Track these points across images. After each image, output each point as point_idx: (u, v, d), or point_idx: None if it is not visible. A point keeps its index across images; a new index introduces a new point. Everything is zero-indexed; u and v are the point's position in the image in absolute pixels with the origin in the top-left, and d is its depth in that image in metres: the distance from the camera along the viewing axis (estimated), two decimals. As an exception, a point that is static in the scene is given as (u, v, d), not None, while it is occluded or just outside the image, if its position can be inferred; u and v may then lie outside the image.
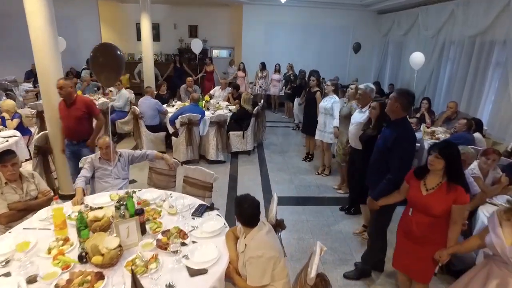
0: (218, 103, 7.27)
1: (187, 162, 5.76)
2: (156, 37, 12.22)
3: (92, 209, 2.71)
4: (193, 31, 12.17)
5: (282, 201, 4.66)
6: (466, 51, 6.38)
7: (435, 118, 6.25)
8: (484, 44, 5.92)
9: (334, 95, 5.03)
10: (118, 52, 2.89)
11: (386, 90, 9.52)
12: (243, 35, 10.86)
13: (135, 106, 6.06)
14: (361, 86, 3.95)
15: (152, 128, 6.06)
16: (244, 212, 2.11)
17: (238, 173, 5.57)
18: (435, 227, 2.29)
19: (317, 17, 10.72)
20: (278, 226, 2.57)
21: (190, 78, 7.70)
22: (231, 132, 6.22)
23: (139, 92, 11.47)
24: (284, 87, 9.51)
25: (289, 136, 7.81)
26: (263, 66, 9.69)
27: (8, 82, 8.67)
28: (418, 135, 4.82)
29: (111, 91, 7.71)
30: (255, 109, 6.14)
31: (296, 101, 8.05)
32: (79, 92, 7.10)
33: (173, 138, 5.90)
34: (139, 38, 12.23)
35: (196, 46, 7.82)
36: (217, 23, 12.05)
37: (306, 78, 7.28)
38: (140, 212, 2.43)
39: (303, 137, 7.20)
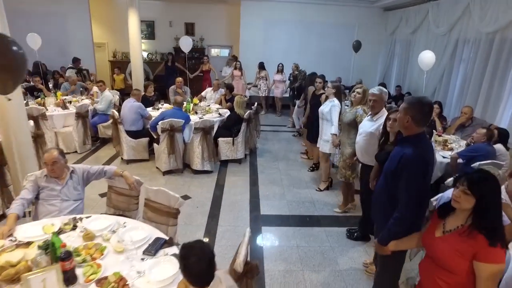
0: (209, 105, 6.70)
1: (169, 172, 5.23)
2: (151, 35, 11.74)
3: (18, 245, 2.16)
4: (190, 29, 11.63)
5: (270, 220, 4.08)
6: (483, 49, 5.72)
7: (447, 124, 5.61)
8: (505, 42, 5.25)
9: (334, 99, 4.42)
10: (14, 48, 2.20)
11: (392, 92, 8.88)
12: (241, 33, 10.28)
13: (114, 110, 5.50)
14: (374, 90, 3.24)
15: (133, 134, 5.51)
16: (190, 269, 1.52)
17: (225, 186, 4.98)
18: None
19: (319, 14, 10.09)
20: (248, 273, 1.98)
21: (180, 78, 7.13)
22: (220, 139, 5.65)
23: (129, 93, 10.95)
24: (289, 88, 8.88)
25: (288, 142, 7.20)
26: (260, 66, 9.04)
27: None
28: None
29: (97, 92, 7.17)
30: (246, 114, 5.55)
31: (296, 104, 7.45)
32: (59, 95, 6.60)
33: (155, 145, 5.34)
34: (133, 36, 11.79)
35: (185, 44, 7.23)
36: (215, 20, 11.50)
37: (305, 79, 6.69)
38: (65, 257, 1.85)
39: (302, 144, 6.60)
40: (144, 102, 6.67)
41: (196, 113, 6.00)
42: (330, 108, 4.34)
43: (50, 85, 8.12)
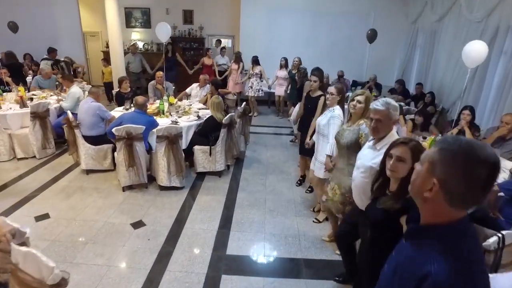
0: (190, 105, 5.73)
1: (130, 188, 4.30)
2: (146, 23, 10.84)
3: None
4: (188, 17, 10.66)
5: (236, 265, 3.11)
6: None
7: (480, 136, 4.43)
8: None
9: (336, 107, 3.31)
10: None
11: (412, 91, 7.64)
12: (241, 22, 9.22)
13: (69, 111, 4.61)
14: (377, 104, 2.15)
15: (93, 140, 4.62)
16: None
17: (193, 208, 4.03)
18: None
19: (329, 1, 8.90)
20: None
21: (160, 72, 6.17)
22: (195, 147, 4.69)
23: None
24: (290, 86, 7.76)
25: (285, 149, 6.14)
26: (255, 61, 7.93)
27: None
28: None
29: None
30: (226, 117, 4.55)
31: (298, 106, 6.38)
32: (22, 90, 5.77)
33: (115, 154, 4.44)
34: (128, 25, 10.93)
35: (162, 32, 6.19)
36: (215, 7, 10.45)
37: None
38: None
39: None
40: (118, 100, 5.81)
41: (171, 115, 5.05)
42: (328, 119, 3.26)
43: (30, 78, 7.37)
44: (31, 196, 4.16)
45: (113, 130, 3.95)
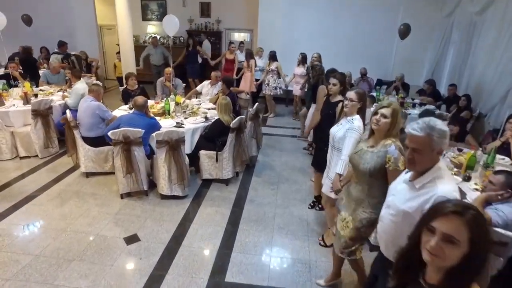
0: (199, 104, 5.36)
1: (129, 195, 3.98)
2: (162, 16, 10.43)
3: None
4: (205, 9, 10.29)
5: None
6: None
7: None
8: None
9: (356, 117, 2.78)
10: None
11: (443, 92, 6.95)
12: (260, 16, 8.71)
13: (67, 111, 4.32)
14: (414, 127, 1.52)
15: (92, 141, 4.32)
16: None
17: (193, 222, 3.65)
18: None
19: (354, -8, 8.26)
20: None
21: (169, 68, 5.80)
22: (201, 152, 4.31)
23: (143, 80, 9.89)
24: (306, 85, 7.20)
25: (302, 155, 5.65)
26: (272, 56, 7.35)
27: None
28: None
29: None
30: (234, 121, 4.13)
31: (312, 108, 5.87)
32: (28, 85, 5.58)
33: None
34: (144, 17, 10.67)
35: (170, 25, 5.80)
36: (234, 0, 10.00)
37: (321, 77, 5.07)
38: None
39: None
40: (124, 97, 5.51)
41: (176, 116, 4.68)
42: (345, 131, 2.76)
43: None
44: (26, 200, 3.91)
45: (109, 133, 3.61)
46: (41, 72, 7.12)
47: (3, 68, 7.44)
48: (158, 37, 10.57)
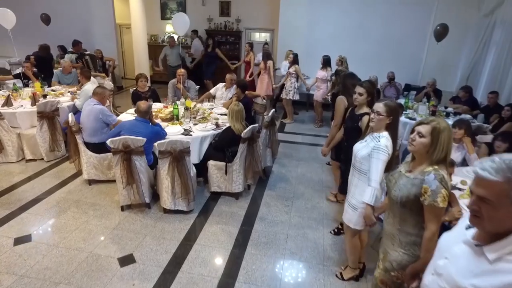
0: (212, 109, 5.02)
1: (129, 207, 3.68)
2: (182, 15, 10.27)
3: None
4: (225, 8, 9.95)
5: None
6: None
7: None
8: None
9: (384, 134, 2.32)
10: None
11: (481, 100, 6.29)
12: (281, 15, 8.29)
13: (70, 114, 4.07)
14: (486, 165, 1.05)
15: (95, 147, 4.06)
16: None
17: (196, 242, 3.29)
18: None
19: (383, -11, 7.69)
20: None
21: (181, 70, 5.49)
22: (210, 162, 3.95)
23: (161, 80, 9.73)
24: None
25: (320, 166, 5.18)
26: (293, 59, 6.86)
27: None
28: None
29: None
30: (246, 130, 3.74)
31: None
32: (38, 86, 5.43)
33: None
34: (163, 16, 10.48)
35: (179, 24, 5.44)
36: (254, -2, 9.64)
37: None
38: None
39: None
40: (134, 100, 5.24)
41: (185, 122, 4.35)
42: (371, 150, 2.29)
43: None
44: (23, 208, 3.70)
45: (108, 141, 3.31)
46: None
47: (20, 67, 7.40)
48: (177, 36, 10.38)
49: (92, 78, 5.92)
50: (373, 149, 2.26)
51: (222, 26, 10.02)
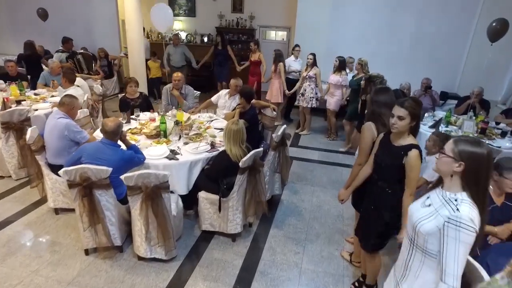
0: (211, 120, 4.19)
1: (94, 251, 2.89)
2: (191, 12, 9.52)
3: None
4: (237, 4, 9.11)
5: None
6: None
7: None
8: None
9: (463, 195, 1.42)
10: None
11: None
12: (298, 11, 7.37)
13: (32, 128, 3.29)
14: None
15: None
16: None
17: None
18: None
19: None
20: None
21: (178, 74, 4.65)
22: (200, 194, 3.11)
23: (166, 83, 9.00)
24: (346, 100, 5.71)
25: (337, 200, 4.28)
26: (313, 60, 5.86)
27: None
28: None
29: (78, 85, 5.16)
30: (245, 158, 2.86)
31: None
32: (14, 89, 4.74)
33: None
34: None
35: (159, 18, 4.55)
36: (269, -6, 8.74)
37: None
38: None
39: (347, 240, 3.64)
40: (122, 108, 4.48)
41: (174, 140, 3.51)
42: (444, 225, 1.38)
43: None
44: (-36, 248, 2.95)
45: (61, 172, 2.51)
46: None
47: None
48: (186, 34, 9.61)
49: (80, 80, 5.20)
50: (448, 222, 1.36)
51: (234, 23, 9.18)
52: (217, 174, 3.03)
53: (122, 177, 2.47)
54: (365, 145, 2.43)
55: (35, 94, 5.11)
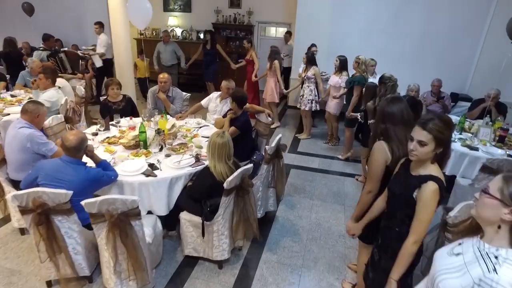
0: (199, 127, 3.79)
1: (59, 282, 2.50)
2: (186, 7, 9.07)
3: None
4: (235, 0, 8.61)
5: None
6: None
7: None
8: None
9: (510, 253, 1.04)
10: None
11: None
12: (299, 6, 6.92)
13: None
14: None
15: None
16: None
17: None
18: None
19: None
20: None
21: (164, 75, 4.23)
22: (182, 215, 2.72)
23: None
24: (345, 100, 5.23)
25: (339, 212, 3.86)
26: (309, 59, 5.40)
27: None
28: None
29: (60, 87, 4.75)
30: (230, 178, 2.44)
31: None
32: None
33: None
34: (166, 8, 9.27)
35: (136, 12, 3.96)
36: (269, -12, 8.28)
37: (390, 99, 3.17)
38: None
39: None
40: (102, 113, 4.09)
41: (154, 152, 3.11)
42: (472, 285, 1.03)
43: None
44: None
45: (8, 197, 2.13)
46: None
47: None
48: (181, 30, 9.17)
49: (62, 81, 4.80)
50: (479, 285, 0.98)
51: (231, 19, 8.72)
52: (199, 195, 2.63)
53: (82, 203, 2.08)
54: (376, 169, 2.01)
55: (12, 96, 4.73)
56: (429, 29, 6.31)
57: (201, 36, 8.92)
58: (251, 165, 2.62)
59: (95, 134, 3.36)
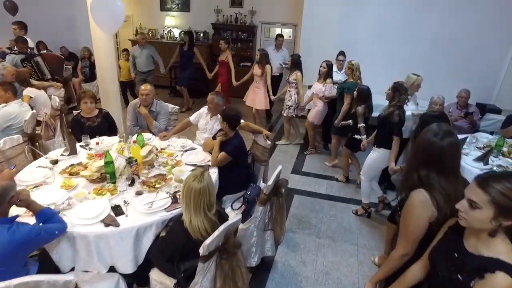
0: (184, 150, 3.16)
1: None
2: (184, 6, 8.45)
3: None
4: (237, -2, 7.98)
5: None
6: None
7: None
8: None
9: None
10: None
11: None
12: (305, 6, 6.28)
13: None
14: None
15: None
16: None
17: None
18: None
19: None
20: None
21: (146, 86, 3.60)
22: (152, 275, 2.11)
23: (159, 84, 8.06)
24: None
25: (351, 262, 3.22)
26: (295, 62, 5.01)
27: None
28: None
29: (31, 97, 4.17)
30: (208, 242, 1.80)
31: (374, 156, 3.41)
32: None
33: None
34: (163, 7, 8.66)
35: (104, 13, 3.30)
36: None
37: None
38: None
39: None
40: (74, 130, 3.50)
41: (121, 188, 2.49)
42: None
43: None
44: None
45: None
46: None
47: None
48: (179, 31, 8.53)
49: (33, 91, 4.23)
50: None
51: (232, 19, 8.09)
52: (172, 254, 2.00)
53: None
54: (415, 228, 1.41)
55: (-21, 107, 4.16)
56: (448, 33, 5.64)
57: (201, 36, 8.30)
58: (239, 217, 1.99)
59: (54, 162, 2.74)
